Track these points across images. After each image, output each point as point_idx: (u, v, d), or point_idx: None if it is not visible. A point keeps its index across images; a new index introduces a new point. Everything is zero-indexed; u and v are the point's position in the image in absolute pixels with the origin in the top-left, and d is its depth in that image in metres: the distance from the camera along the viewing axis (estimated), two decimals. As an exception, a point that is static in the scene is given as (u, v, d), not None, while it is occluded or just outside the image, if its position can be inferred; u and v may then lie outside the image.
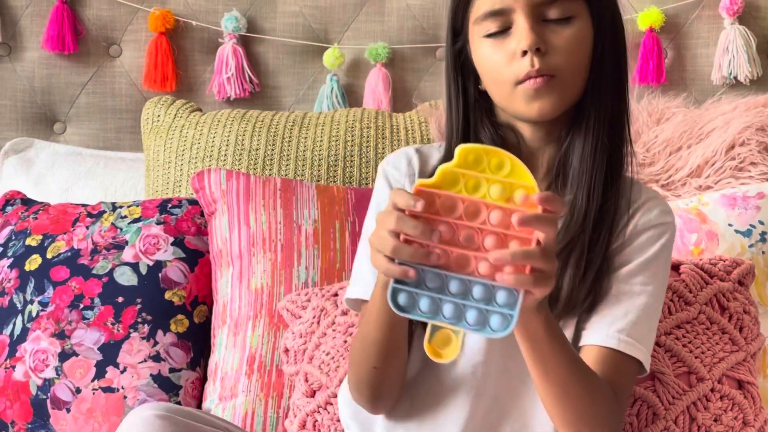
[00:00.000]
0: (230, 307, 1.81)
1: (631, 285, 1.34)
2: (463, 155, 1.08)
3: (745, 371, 1.57)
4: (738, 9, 2.17)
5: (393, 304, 1.11)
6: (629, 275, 1.34)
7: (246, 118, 2.03)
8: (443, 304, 1.10)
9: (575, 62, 1.33)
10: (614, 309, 1.33)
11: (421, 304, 1.10)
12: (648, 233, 1.37)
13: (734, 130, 1.90)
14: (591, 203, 1.35)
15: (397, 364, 1.34)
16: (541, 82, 1.30)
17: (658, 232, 1.38)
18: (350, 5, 2.23)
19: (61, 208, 1.94)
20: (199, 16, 2.24)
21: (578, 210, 1.35)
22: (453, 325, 1.10)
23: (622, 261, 1.36)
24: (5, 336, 1.82)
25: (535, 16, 1.30)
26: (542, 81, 1.30)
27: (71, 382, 1.77)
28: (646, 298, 1.34)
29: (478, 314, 1.09)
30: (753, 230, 1.77)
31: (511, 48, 1.30)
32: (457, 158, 1.08)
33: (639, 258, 1.36)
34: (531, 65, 1.29)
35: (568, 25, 1.32)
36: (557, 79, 1.31)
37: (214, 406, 1.76)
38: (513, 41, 1.30)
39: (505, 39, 1.31)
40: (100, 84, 2.26)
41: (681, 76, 2.23)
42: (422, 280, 1.11)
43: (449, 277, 1.10)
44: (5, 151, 2.18)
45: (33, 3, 2.23)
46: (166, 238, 1.86)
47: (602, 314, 1.33)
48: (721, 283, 1.59)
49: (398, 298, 1.11)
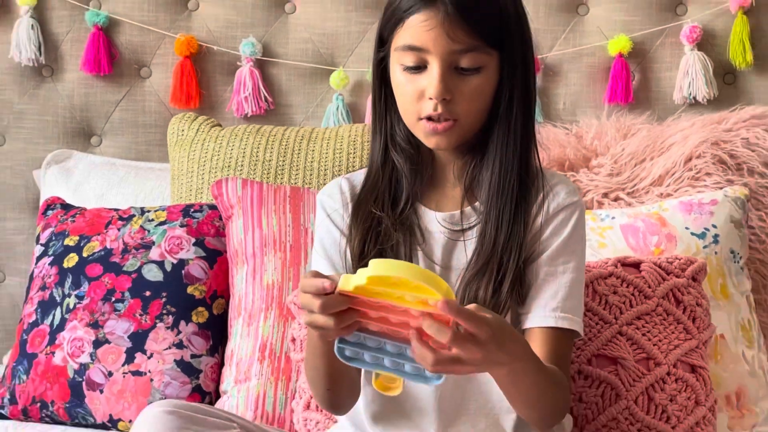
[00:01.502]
0: (245, 300, 1.81)
1: (555, 266, 1.34)
2: (376, 273, 1.04)
3: (697, 357, 1.59)
4: (697, 37, 2.17)
5: (340, 356, 1.13)
6: (551, 258, 1.34)
7: (260, 133, 2.03)
8: (383, 359, 1.12)
9: (476, 109, 1.32)
10: (545, 291, 1.33)
11: (365, 357, 1.12)
12: (560, 216, 1.36)
13: (692, 145, 1.90)
14: (499, 232, 1.33)
15: (347, 383, 1.34)
16: (441, 128, 1.30)
17: (568, 213, 1.37)
18: (354, 33, 2.22)
19: (96, 212, 1.95)
20: (220, 42, 2.23)
21: (487, 240, 1.34)
22: (394, 374, 1.13)
23: (543, 248, 1.35)
24: (46, 325, 1.83)
25: (448, 63, 1.28)
26: (442, 126, 1.30)
27: (104, 367, 1.78)
28: (570, 274, 1.34)
29: (414, 367, 1.11)
30: (707, 233, 1.76)
31: (422, 86, 1.29)
32: (372, 272, 1.04)
33: (556, 241, 1.35)
34: (434, 109, 1.29)
35: (476, 74, 1.29)
36: (458, 122, 1.31)
37: (230, 388, 1.76)
38: (424, 81, 1.29)
39: (419, 75, 1.30)
40: (132, 102, 2.26)
41: (646, 96, 2.21)
42: (362, 339, 1.12)
43: (385, 342, 1.11)
44: (47, 161, 2.17)
45: (73, 29, 2.24)
46: (188, 239, 1.87)
47: (536, 298, 1.33)
48: (677, 279, 1.62)
49: (344, 352, 1.13)
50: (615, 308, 1.60)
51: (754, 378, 1.74)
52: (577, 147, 1.99)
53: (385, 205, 1.39)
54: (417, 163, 1.39)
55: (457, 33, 1.27)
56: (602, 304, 1.60)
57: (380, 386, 1.15)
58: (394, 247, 1.37)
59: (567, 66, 2.25)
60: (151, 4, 2.25)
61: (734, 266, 1.79)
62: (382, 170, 1.40)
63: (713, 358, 1.70)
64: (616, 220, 1.81)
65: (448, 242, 1.39)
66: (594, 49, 2.23)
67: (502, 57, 1.31)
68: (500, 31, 1.30)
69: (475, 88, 1.30)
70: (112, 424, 1.79)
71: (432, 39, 1.27)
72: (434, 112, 1.29)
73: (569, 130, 2.05)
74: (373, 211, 1.38)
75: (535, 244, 1.36)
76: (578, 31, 2.24)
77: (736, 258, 1.80)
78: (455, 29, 1.27)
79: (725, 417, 1.69)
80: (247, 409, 1.74)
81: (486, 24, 1.29)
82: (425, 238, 1.39)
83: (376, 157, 1.41)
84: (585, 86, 2.24)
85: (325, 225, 1.43)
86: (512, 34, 1.32)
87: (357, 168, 1.94)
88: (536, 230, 1.36)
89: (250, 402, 1.74)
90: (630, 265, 1.64)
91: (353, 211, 1.41)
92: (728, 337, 1.73)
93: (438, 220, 1.40)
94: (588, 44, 2.24)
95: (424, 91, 1.29)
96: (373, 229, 1.38)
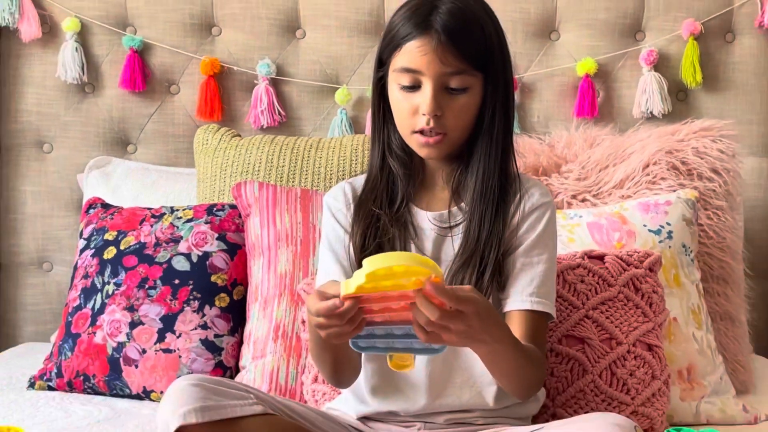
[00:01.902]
0: (261, 287, 1.80)
1: (530, 258, 1.35)
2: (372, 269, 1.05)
3: (653, 337, 1.59)
4: (653, 60, 2.17)
5: (356, 348, 1.15)
6: (527, 251, 1.36)
7: (275, 142, 2.01)
8: (394, 342, 1.15)
9: (463, 124, 1.33)
10: (522, 279, 1.34)
11: (378, 344, 1.15)
12: (534, 215, 1.38)
13: (649, 153, 1.90)
14: (482, 229, 1.35)
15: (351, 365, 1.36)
16: (432, 141, 1.32)
17: (542, 212, 1.38)
18: (356, 56, 2.21)
19: (132, 211, 1.95)
20: (240, 63, 2.22)
21: (471, 236, 1.35)
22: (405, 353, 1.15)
23: (519, 242, 1.36)
24: (88, 309, 1.83)
25: (440, 84, 1.29)
26: (433, 140, 1.32)
27: (139, 345, 1.77)
28: (543, 265, 1.36)
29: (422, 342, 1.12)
30: (662, 230, 1.76)
31: (416, 103, 1.31)
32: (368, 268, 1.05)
33: (532, 236, 1.36)
34: (427, 124, 1.30)
35: (464, 93, 1.31)
36: (447, 136, 1.32)
37: (248, 364, 1.76)
38: (418, 99, 1.31)
39: (413, 94, 1.31)
40: (163, 115, 2.25)
41: (609, 110, 2.21)
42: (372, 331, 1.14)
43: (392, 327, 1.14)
44: (89, 166, 2.16)
45: (111, 52, 2.23)
46: (212, 234, 1.86)
47: (514, 285, 1.35)
48: (636, 270, 1.61)
49: (359, 344, 1.15)
50: (582, 295, 1.59)
51: (702, 356, 1.73)
52: (549, 155, 1.99)
53: (383, 205, 1.40)
54: (410, 169, 1.41)
55: (448, 58, 1.29)
56: (571, 291, 1.59)
57: (395, 366, 1.17)
58: (390, 240, 1.38)
59: (541, 84, 2.25)
60: (180, 30, 2.25)
61: (686, 259, 1.78)
62: (380, 174, 1.41)
63: (667, 339, 1.69)
64: (583, 219, 1.80)
65: (438, 237, 1.40)
66: (564, 69, 2.23)
67: (486, 79, 1.33)
68: (485, 56, 1.32)
69: (462, 105, 1.32)
70: (145, 395, 1.79)
71: (426, 63, 1.29)
72: (426, 127, 1.31)
73: (543, 140, 2.06)
74: (373, 209, 1.40)
75: (513, 239, 1.37)
76: (550, 54, 2.24)
77: (687, 251, 1.79)
78: (446, 55, 1.28)
79: (678, 389, 1.69)
80: (262, 382, 1.73)
81: (473, 50, 1.30)
82: (417, 233, 1.40)
83: (375, 163, 1.42)
84: (556, 102, 2.24)
85: (330, 223, 1.44)
86: (495, 59, 1.33)
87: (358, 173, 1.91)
88: (514, 227, 1.38)
89: (266, 376, 1.74)
90: (595, 257, 1.64)
91: (355, 209, 1.42)
92: (680, 320, 1.73)
93: (428, 219, 1.41)
94: (559, 66, 2.24)
95: (418, 107, 1.31)
96: (372, 225, 1.39)
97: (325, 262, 1.43)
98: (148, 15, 2.24)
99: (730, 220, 1.92)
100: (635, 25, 2.22)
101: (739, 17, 2.21)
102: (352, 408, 1.42)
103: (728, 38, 2.22)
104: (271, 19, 2.23)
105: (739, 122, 2.16)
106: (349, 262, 1.40)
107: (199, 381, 1.24)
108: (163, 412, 1.23)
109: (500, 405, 1.37)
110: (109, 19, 2.24)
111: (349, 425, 1.39)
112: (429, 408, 1.36)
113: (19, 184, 2.27)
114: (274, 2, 2.22)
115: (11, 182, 2.27)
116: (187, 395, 1.22)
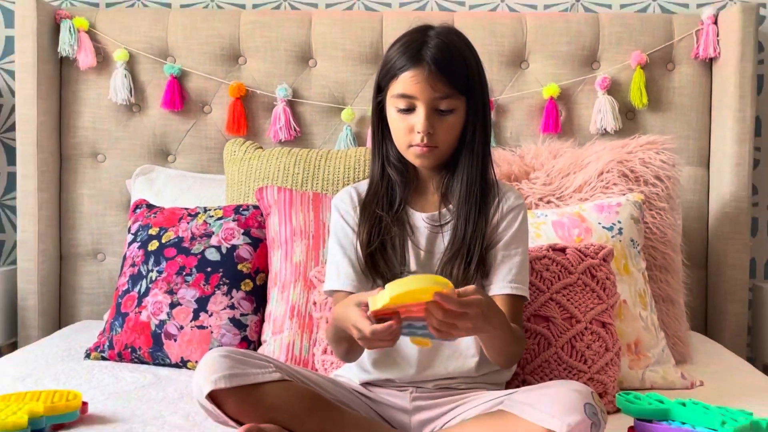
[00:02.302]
0: (279, 275, 1.80)
1: (509, 251, 1.36)
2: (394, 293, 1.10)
3: (607, 316, 1.60)
4: (607, 85, 2.17)
5: None
6: (506, 246, 1.36)
7: (291, 153, 2.01)
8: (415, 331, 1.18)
9: (450, 139, 1.34)
10: (503, 269, 1.35)
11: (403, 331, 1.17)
12: (510, 215, 1.38)
13: (603, 163, 1.91)
14: (467, 227, 1.35)
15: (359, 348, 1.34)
16: (426, 151, 1.33)
17: (516, 212, 1.39)
18: (358, 81, 2.21)
19: (171, 210, 1.95)
20: (262, 87, 2.22)
21: (458, 233, 1.35)
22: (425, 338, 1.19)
23: (499, 238, 1.37)
24: (135, 292, 1.84)
25: (431, 107, 1.31)
26: (427, 150, 1.33)
27: (177, 323, 1.78)
28: (519, 257, 1.36)
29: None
30: (614, 227, 1.77)
31: (411, 123, 1.32)
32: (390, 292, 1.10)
33: (509, 233, 1.37)
34: (421, 140, 1.32)
35: (451, 114, 1.32)
36: (437, 148, 1.33)
37: (269, 338, 1.75)
38: (413, 119, 1.32)
39: (409, 115, 1.32)
40: (198, 130, 2.25)
41: (570, 127, 2.21)
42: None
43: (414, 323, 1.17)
44: (136, 173, 2.16)
45: (154, 78, 2.22)
46: (238, 230, 1.86)
47: (497, 274, 1.36)
48: (592, 260, 1.62)
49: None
50: (547, 281, 1.59)
51: (647, 332, 1.74)
52: (520, 164, 1.99)
53: (384, 207, 1.40)
54: (406, 177, 1.41)
55: (437, 85, 1.30)
56: (538, 278, 1.59)
57: (416, 342, 1.20)
58: (392, 238, 1.38)
59: (513, 105, 2.24)
60: (212, 60, 2.25)
61: (633, 251, 1.79)
62: (380, 182, 1.41)
63: (618, 317, 1.70)
64: (548, 218, 1.80)
65: (430, 234, 1.40)
66: (532, 93, 2.23)
67: (468, 101, 1.34)
68: (467, 83, 1.33)
69: (450, 124, 1.33)
70: (182, 364, 1.79)
71: (419, 90, 1.30)
72: (421, 142, 1.32)
73: (514, 152, 2.05)
74: (376, 211, 1.39)
75: (494, 235, 1.37)
76: (521, 80, 2.24)
77: (634, 245, 1.79)
78: (435, 82, 1.30)
79: (627, 360, 1.69)
80: (280, 353, 1.73)
81: (457, 78, 1.31)
82: (413, 231, 1.40)
83: (376, 173, 1.42)
84: (526, 120, 2.24)
85: (339, 222, 1.44)
86: (475, 84, 1.34)
87: (361, 179, 1.93)
88: (494, 225, 1.38)
89: (283, 348, 1.73)
90: (558, 250, 1.64)
91: (361, 211, 1.42)
92: (629, 302, 1.73)
93: (422, 219, 1.41)
94: (528, 90, 2.24)
95: (414, 126, 1.32)
96: (376, 225, 1.39)
97: (335, 255, 1.42)
98: (185, 47, 2.24)
99: (671, 219, 1.93)
100: (591, 56, 2.22)
101: (678, 50, 2.21)
102: (355, 375, 1.42)
103: (669, 67, 2.23)
104: (288, 50, 2.23)
105: (679, 137, 2.16)
106: (356, 256, 1.39)
107: (227, 353, 1.25)
108: (197, 378, 1.24)
109: (480, 373, 1.38)
110: (153, 50, 2.24)
111: (354, 389, 1.39)
112: (419, 377, 1.36)
113: (77, 188, 2.27)
114: (290, 36, 2.22)
115: (71, 187, 2.27)
116: (217, 365, 1.23)
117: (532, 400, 1.18)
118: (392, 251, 1.36)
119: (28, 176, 2.18)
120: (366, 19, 2.22)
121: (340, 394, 1.36)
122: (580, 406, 1.14)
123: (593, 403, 1.15)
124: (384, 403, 1.37)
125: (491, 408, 1.26)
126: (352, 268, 1.38)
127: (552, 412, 1.14)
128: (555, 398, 1.16)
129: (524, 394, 1.22)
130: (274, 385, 1.24)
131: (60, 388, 1.60)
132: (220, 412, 1.23)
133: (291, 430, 1.24)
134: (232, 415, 1.24)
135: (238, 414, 1.23)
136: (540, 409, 1.15)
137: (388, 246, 1.36)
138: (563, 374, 1.54)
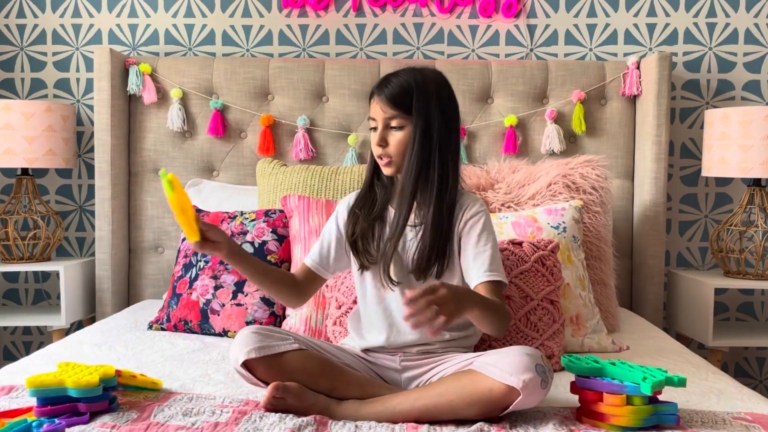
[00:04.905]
0: (299, 264, 1.76)
1: (478, 248, 1.30)
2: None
3: (554, 296, 1.59)
4: (554, 116, 2.18)
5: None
6: (475, 244, 1.30)
7: (309, 170, 2.00)
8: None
9: (401, 151, 1.29)
10: (477, 263, 1.29)
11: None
12: (474, 219, 1.32)
13: (551, 176, 1.91)
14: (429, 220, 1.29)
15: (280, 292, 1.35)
16: (384, 163, 1.31)
17: (479, 216, 1.33)
18: (361, 113, 2.21)
19: (215, 213, 1.94)
20: (286, 118, 2.21)
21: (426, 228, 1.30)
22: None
23: (467, 239, 1.31)
24: (187, 278, 1.83)
25: (385, 125, 1.30)
26: (384, 161, 1.31)
27: (220, 301, 1.77)
28: (489, 250, 1.30)
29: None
30: (560, 226, 1.76)
31: (375, 139, 1.31)
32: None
33: (475, 233, 1.31)
34: (378, 153, 1.31)
35: (400, 131, 1.29)
36: (392, 159, 1.30)
37: (292, 312, 1.73)
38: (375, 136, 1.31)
39: (374, 133, 1.31)
40: (236, 151, 2.23)
41: (526, 149, 2.21)
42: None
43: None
44: (188, 185, 2.15)
45: (202, 110, 2.22)
46: (267, 229, 1.85)
47: (474, 269, 1.30)
48: (543, 252, 1.61)
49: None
50: (508, 268, 1.59)
51: (585, 308, 1.73)
52: (486, 178, 1.98)
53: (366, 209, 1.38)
54: (387, 186, 1.38)
55: (386, 109, 1.29)
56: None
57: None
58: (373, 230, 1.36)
59: (481, 132, 2.24)
60: (247, 96, 2.24)
61: (574, 245, 1.78)
62: (368, 189, 1.39)
63: (564, 297, 1.70)
64: (508, 219, 1.80)
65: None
66: (496, 122, 2.23)
67: (414, 120, 1.28)
68: (410, 106, 1.28)
69: (398, 139, 1.30)
70: (224, 334, 1.77)
71: (376, 112, 1.31)
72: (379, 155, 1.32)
73: (482, 168, 2.05)
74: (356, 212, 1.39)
75: (463, 238, 1.33)
76: (487, 112, 2.24)
77: (575, 240, 1.79)
78: (385, 107, 1.29)
79: (569, 330, 1.69)
80: (300, 325, 1.71)
81: (401, 102, 1.28)
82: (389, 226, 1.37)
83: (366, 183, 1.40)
84: (491, 143, 2.23)
85: (332, 219, 1.44)
86: (420, 107, 1.27)
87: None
88: (461, 228, 1.33)
89: (302, 321, 1.72)
90: (516, 244, 1.63)
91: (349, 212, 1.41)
92: (571, 285, 1.72)
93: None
94: (493, 120, 2.23)
95: (376, 142, 1.31)
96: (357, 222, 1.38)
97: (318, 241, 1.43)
98: (227, 86, 2.23)
99: (603, 220, 1.92)
100: (542, 93, 2.22)
101: (609, 89, 2.21)
102: (356, 343, 1.40)
103: (602, 102, 2.22)
104: (306, 89, 2.22)
105: (609, 156, 2.19)
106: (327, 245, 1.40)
107: (257, 330, 1.25)
108: (233, 350, 1.24)
109: (452, 338, 1.36)
110: (201, 89, 2.24)
111: (357, 354, 1.38)
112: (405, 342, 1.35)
113: (142, 197, 2.26)
114: (308, 78, 2.21)
115: (138, 195, 2.26)
116: (249, 339, 1.23)
117: (495, 361, 1.16)
118: (371, 240, 1.35)
119: (104, 187, 2.19)
120: (367, 66, 2.22)
121: (346, 359, 1.34)
122: (533, 366, 1.13)
123: (542, 364, 1.14)
124: (380, 364, 1.36)
125: (464, 367, 1.24)
126: (320, 253, 1.40)
127: (510, 371, 1.13)
128: (513, 360, 1.14)
129: (489, 356, 1.20)
130: (293, 353, 1.24)
131: (128, 352, 1.58)
132: (251, 376, 1.24)
133: (308, 387, 1.23)
134: (261, 377, 1.24)
135: (266, 377, 1.24)
136: (501, 368, 1.14)
137: (369, 236, 1.35)
138: (520, 340, 1.53)
